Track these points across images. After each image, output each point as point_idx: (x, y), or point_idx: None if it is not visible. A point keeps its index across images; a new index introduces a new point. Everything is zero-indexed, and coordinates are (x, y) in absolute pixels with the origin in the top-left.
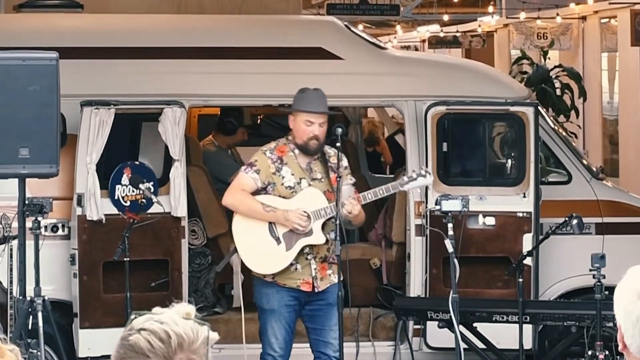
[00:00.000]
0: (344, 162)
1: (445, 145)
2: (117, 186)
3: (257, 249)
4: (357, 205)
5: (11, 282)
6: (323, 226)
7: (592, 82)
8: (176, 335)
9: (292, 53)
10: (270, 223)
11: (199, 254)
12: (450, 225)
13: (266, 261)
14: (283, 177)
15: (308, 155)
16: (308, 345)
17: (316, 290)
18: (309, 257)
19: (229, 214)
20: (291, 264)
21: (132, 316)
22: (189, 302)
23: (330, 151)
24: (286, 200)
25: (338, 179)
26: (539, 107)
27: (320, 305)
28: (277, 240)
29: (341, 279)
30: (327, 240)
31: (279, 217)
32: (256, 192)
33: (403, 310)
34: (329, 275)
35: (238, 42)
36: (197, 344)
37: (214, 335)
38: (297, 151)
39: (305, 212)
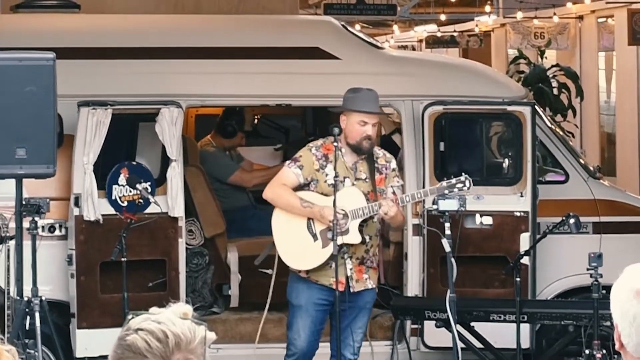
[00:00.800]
0: (393, 164)
1: (442, 144)
2: (115, 186)
3: (294, 244)
4: (393, 207)
5: (8, 282)
6: (362, 226)
7: (589, 82)
8: (173, 335)
9: (290, 53)
10: (308, 219)
11: (197, 254)
12: (447, 224)
13: (302, 256)
14: (327, 175)
15: (359, 154)
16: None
17: (351, 291)
18: (345, 255)
19: (225, 214)
20: (326, 262)
21: (129, 316)
22: (187, 302)
23: (379, 152)
24: (326, 197)
25: (335, 178)
26: (536, 107)
27: (349, 307)
28: (314, 236)
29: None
30: (364, 241)
31: (316, 213)
32: (299, 188)
33: (400, 310)
34: (365, 279)
35: (235, 42)
36: (195, 343)
37: (211, 335)
38: (344, 150)
39: (342, 210)
